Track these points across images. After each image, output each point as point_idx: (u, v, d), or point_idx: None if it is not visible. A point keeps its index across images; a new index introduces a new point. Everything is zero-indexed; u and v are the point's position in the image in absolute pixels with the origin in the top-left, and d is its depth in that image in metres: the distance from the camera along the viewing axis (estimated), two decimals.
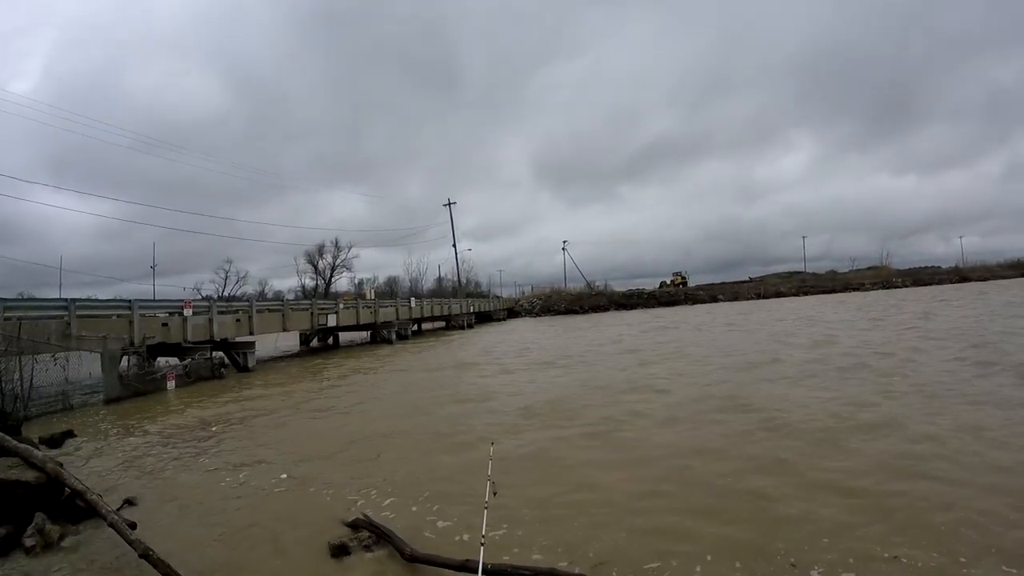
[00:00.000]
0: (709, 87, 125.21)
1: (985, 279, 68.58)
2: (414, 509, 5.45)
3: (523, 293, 75.51)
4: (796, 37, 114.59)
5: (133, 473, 7.29)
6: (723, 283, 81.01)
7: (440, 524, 5.07)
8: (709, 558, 4.11)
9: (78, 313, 14.04)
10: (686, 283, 78.04)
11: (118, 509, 5.32)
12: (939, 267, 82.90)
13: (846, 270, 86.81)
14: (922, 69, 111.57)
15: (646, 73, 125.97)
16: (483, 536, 3.53)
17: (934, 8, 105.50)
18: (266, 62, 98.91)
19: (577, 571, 3.94)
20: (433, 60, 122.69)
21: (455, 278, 66.82)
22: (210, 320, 18.72)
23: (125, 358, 14.71)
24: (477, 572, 3.37)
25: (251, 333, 20.90)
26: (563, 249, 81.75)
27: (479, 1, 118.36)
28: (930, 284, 69.56)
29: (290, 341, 28.54)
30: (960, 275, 74.28)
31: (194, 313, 18.12)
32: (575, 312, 60.99)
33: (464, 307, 48.11)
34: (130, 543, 4.25)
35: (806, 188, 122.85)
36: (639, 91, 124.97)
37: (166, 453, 8.29)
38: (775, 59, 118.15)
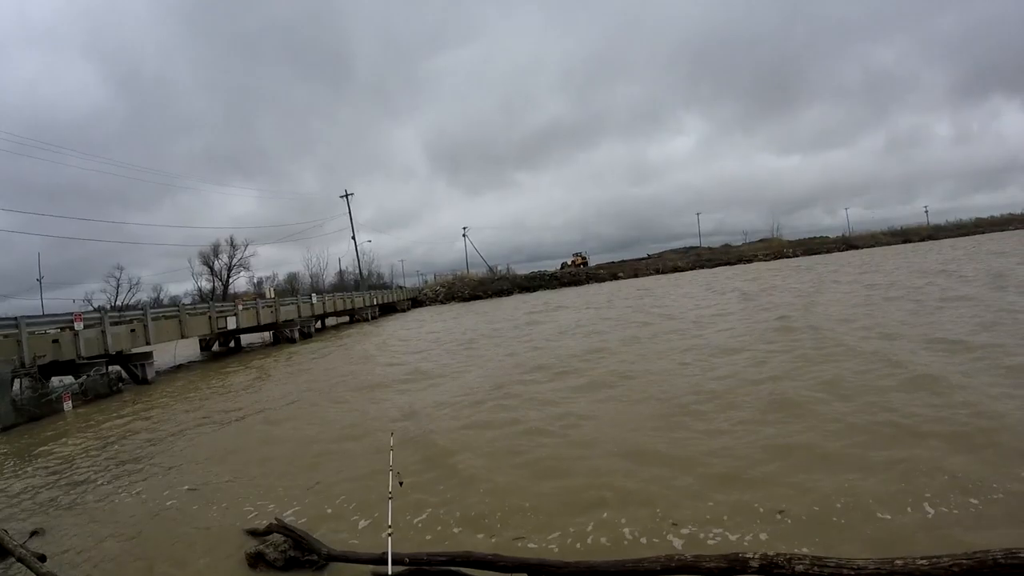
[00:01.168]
0: (600, 71, 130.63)
1: (871, 246, 73.95)
2: (328, 510, 5.71)
3: (426, 282, 74.41)
4: (684, 22, 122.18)
5: (37, 503, 7.24)
6: (623, 261, 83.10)
7: (353, 519, 5.37)
8: (605, 515, 4.88)
9: None
10: (587, 263, 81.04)
11: (24, 543, 5.34)
12: (827, 237, 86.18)
13: (740, 243, 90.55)
14: (804, 52, 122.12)
15: (537, 58, 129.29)
16: (389, 526, 3.68)
17: None
18: (147, 51, 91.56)
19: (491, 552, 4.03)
20: (322, 46, 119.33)
21: (356, 271, 66.31)
22: (103, 332, 18.38)
23: (17, 381, 14.45)
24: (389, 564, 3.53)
25: (148, 343, 20.61)
26: (463, 235, 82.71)
27: None
28: (820, 253, 73.28)
29: (190, 348, 27.94)
30: (847, 244, 78.83)
31: (85, 326, 17.77)
32: (479, 298, 62.28)
33: (367, 300, 48.26)
34: None
35: (697, 167, 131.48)
36: (530, 76, 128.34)
37: (68, 479, 8.26)
38: (664, 43, 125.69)
